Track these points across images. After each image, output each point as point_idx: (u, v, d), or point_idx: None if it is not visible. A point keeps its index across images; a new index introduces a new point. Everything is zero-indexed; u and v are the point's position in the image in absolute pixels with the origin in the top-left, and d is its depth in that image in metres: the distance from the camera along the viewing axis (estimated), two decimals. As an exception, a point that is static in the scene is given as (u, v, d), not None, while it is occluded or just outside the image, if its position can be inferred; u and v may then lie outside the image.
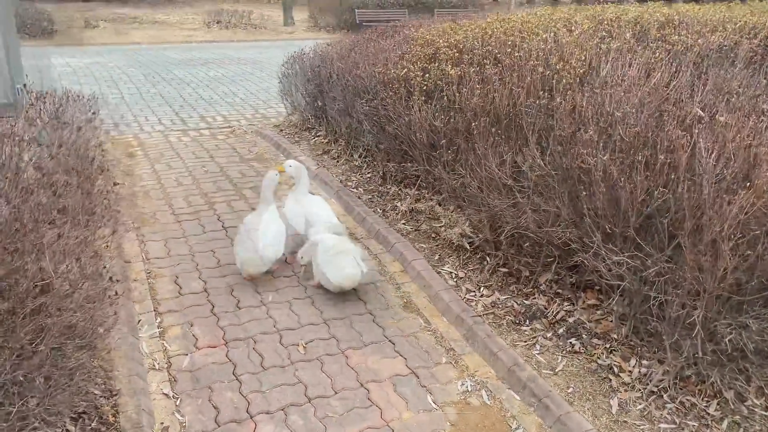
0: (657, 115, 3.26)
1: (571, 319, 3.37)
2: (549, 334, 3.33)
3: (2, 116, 3.69)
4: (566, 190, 3.28)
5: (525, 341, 3.31)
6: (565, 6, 7.51)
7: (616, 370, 3.00)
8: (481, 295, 3.72)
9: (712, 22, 4.79)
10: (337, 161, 6.25)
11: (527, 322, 3.45)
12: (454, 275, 3.96)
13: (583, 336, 3.25)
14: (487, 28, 5.50)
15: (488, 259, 3.98)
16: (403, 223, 4.72)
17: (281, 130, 7.68)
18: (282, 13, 25.21)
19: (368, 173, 5.77)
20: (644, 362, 2.98)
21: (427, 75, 4.84)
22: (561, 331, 3.32)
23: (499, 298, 3.67)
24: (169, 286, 3.87)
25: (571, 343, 3.23)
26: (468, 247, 4.13)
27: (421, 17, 10.27)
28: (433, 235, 4.46)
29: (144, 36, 20.36)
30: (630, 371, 2.97)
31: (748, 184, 2.53)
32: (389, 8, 22.56)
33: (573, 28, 4.94)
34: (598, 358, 3.10)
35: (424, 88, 4.77)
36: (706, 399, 2.74)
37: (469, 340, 3.36)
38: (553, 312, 3.45)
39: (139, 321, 3.42)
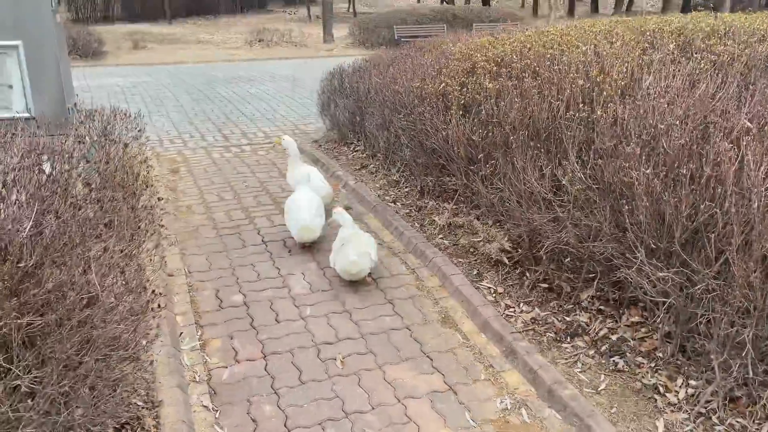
0: (702, 127, 3.17)
1: (614, 337, 3.29)
2: (591, 352, 3.25)
3: (54, 134, 3.84)
4: (608, 205, 3.22)
5: (566, 359, 3.24)
6: (606, 18, 7.41)
7: (661, 389, 2.90)
8: (521, 311, 3.67)
9: (760, 32, 4.65)
10: (375, 176, 6.28)
11: (568, 339, 3.37)
12: (492, 290, 3.91)
13: (627, 354, 3.16)
14: (526, 41, 5.47)
15: (528, 274, 3.92)
16: (441, 238, 4.69)
17: (320, 146, 7.78)
18: (321, 31, 25.62)
19: (406, 187, 5.77)
20: (691, 382, 2.88)
21: (464, 89, 4.83)
22: (604, 348, 3.24)
23: (539, 314, 3.60)
24: (210, 299, 3.93)
25: (614, 361, 3.15)
26: (507, 262, 4.08)
27: (459, 32, 10.30)
28: (471, 250, 4.42)
29: (189, 55, 20.95)
30: (676, 391, 2.87)
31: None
32: (428, 23, 22.70)
33: (614, 39, 4.87)
34: (643, 377, 3.01)
35: (462, 102, 4.76)
36: (757, 421, 2.63)
37: (508, 357, 3.31)
38: (595, 329, 3.37)
39: (181, 333, 3.49)
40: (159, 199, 5.59)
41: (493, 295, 3.87)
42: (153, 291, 2.78)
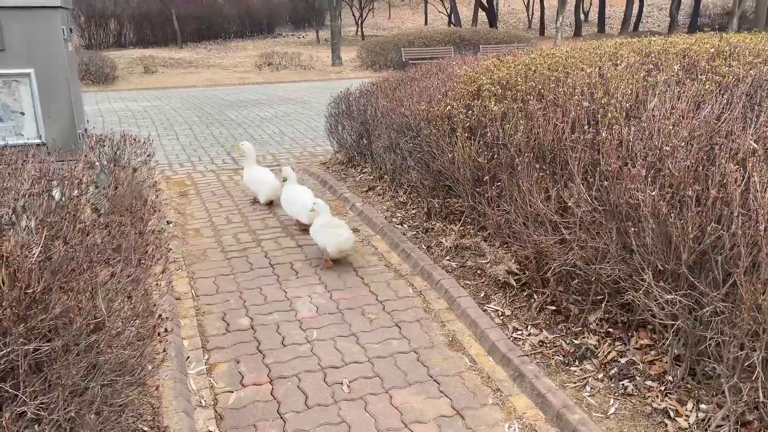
0: (708, 149, 3.17)
1: (623, 360, 3.25)
2: (600, 375, 3.22)
3: (65, 160, 3.90)
4: (614, 226, 3.21)
5: (575, 382, 3.20)
6: (612, 39, 7.46)
7: (672, 414, 2.86)
8: (529, 334, 3.64)
9: (765, 53, 4.65)
10: (382, 197, 6.30)
11: (577, 363, 3.34)
12: (500, 313, 3.90)
13: (636, 377, 3.13)
14: (531, 64, 5.50)
15: (535, 296, 3.90)
16: (448, 260, 4.69)
17: (328, 168, 7.82)
18: (330, 54, 25.91)
19: (413, 209, 5.78)
20: (702, 406, 2.84)
21: (470, 112, 4.86)
22: (613, 372, 3.21)
23: (547, 337, 3.58)
24: (217, 323, 3.94)
25: (623, 384, 3.11)
26: (514, 284, 4.07)
27: (466, 54, 10.40)
28: (478, 272, 4.41)
29: (199, 79, 21.23)
30: (687, 415, 2.83)
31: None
32: (435, 46, 22.90)
33: (619, 61, 4.89)
34: (653, 401, 2.97)
35: (467, 124, 4.78)
36: (771, 447, 2.58)
37: (516, 381, 3.28)
38: (603, 352, 3.34)
39: (188, 358, 3.49)
40: (168, 222, 5.64)
41: (501, 317, 3.85)
42: (160, 315, 2.80)
